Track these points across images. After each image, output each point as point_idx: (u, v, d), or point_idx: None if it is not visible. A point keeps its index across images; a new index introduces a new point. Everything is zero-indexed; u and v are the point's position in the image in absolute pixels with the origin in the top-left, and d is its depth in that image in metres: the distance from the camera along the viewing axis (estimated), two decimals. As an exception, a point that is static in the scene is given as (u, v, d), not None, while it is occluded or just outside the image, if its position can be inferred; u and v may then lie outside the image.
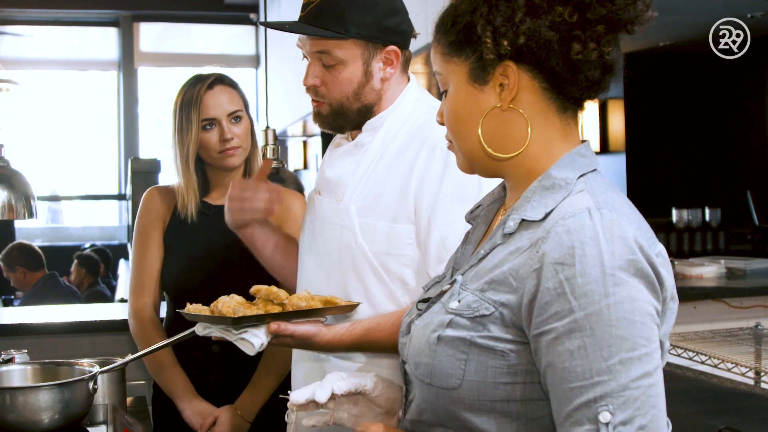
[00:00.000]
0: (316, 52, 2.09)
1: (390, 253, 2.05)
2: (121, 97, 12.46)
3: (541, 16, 1.33)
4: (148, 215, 2.80)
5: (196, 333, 2.04)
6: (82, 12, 12.27)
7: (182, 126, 2.65)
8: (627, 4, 1.34)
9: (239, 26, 12.73)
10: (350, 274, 2.09)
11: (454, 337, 1.34)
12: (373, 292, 2.06)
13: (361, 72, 2.10)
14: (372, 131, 2.15)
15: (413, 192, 2.03)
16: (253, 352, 1.86)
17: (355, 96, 2.11)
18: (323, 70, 2.10)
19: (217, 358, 2.70)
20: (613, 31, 1.35)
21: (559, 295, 1.23)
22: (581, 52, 1.33)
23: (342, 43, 2.06)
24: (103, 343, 3.54)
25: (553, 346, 1.23)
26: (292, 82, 8.69)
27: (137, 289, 2.78)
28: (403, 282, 2.05)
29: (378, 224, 2.06)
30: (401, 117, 2.15)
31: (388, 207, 2.06)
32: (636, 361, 1.20)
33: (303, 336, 1.89)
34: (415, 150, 2.06)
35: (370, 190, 2.10)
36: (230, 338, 1.88)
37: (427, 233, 2.01)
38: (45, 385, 2.10)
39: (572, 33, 1.33)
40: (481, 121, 1.41)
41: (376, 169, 2.11)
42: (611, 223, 1.26)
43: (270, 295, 1.89)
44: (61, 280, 6.89)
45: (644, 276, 1.24)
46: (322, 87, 2.11)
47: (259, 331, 1.86)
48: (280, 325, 1.85)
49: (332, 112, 2.13)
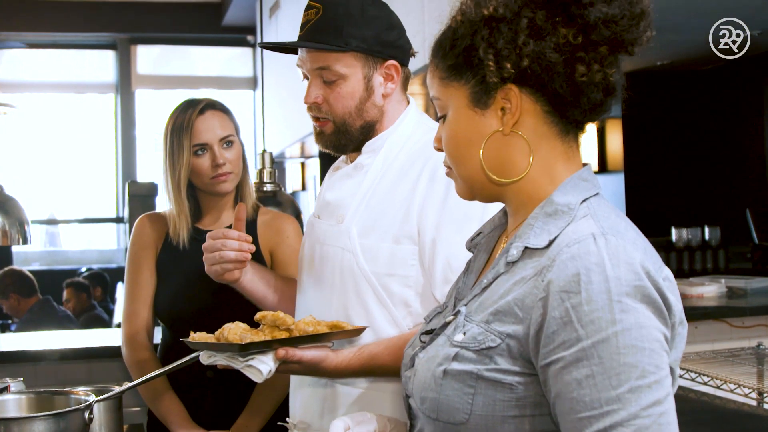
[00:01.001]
0: (317, 69, 2.09)
1: (392, 274, 2.03)
2: (118, 119, 12.45)
3: (545, 38, 1.31)
4: (140, 242, 2.79)
5: (198, 361, 2.02)
6: (80, 35, 12.28)
7: (173, 151, 2.65)
8: (631, 25, 1.33)
9: (237, 48, 12.74)
10: (352, 297, 2.07)
11: (460, 370, 1.32)
12: (375, 316, 2.04)
13: (363, 87, 2.11)
14: (372, 153, 2.15)
15: (416, 213, 2.02)
16: (261, 379, 1.82)
17: (357, 112, 2.11)
18: (324, 87, 2.10)
19: (212, 384, 2.68)
20: (614, 53, 1.34)
21: (565, 323, 1.21)
22: (586, 74, 1.32)
23: (342, 57, 2.07)
24: (100, 370, 3.51)
25: (561, 376, 1.21)
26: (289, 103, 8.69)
27: (130, 317, 2.77)
28: (406, 304, 2.03)
29: (380, 245, 2.05)
30: (402, 138, 2.15)
31: (390, 228, 2.04)
32: (646, 388, 1.18)
33: (311, 361, 1.86)
34: (417, 171, 2.06)
35: (372, 212, 2.09)
36: (237, 366, 1.84)
37: (432, 254, 2.00)
38: (40, 416, 2.07)
39: (576, 55, 1.32)
40: (483, 146, 1.39)
41: (377, 190, 2.11)
42: (617, 249, 1.24)
43: (276, 321, 1.86)
44: (56, 305, 6.85)
45: (651, 302, 1.22)
46: (324, 104, 2.11)
47: (266, 357, 1.83)
48: (288, 351, 1.82)
49: (335, 130, 2.12)
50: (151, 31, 12.30)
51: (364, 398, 2.07)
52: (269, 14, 9.99)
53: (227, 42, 12.64)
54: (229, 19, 11.85)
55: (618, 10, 1.31)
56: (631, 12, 1.32)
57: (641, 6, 1.34)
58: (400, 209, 2.05)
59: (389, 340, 1.97)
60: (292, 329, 1.87)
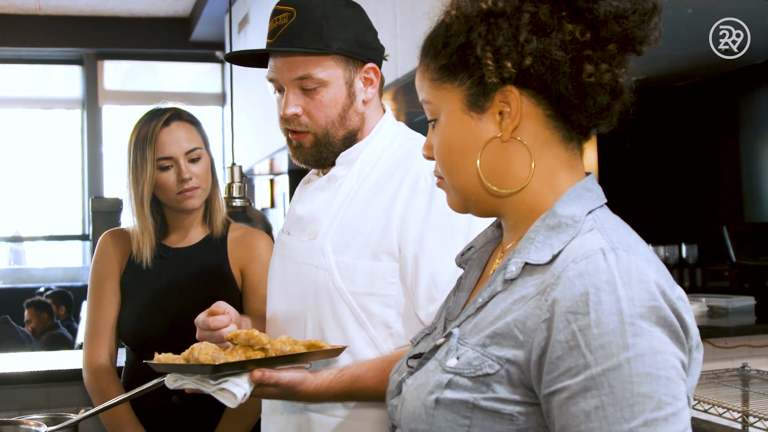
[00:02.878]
0: (296, 79, 1.95)
1: (371, 294, 1.90)
2: (85, 135, 12.33)
3: (549, 35, 1.20)
4: (103, 261, 2.65)
5: (163, 385, 1.86)
6: (46, 50, 12.17)
7: (137, 165, 2.51)
8: (642, 21, 1.22)
9: (205, 64, 12.68)
10: (328, 319, 1.94)
11: (454, 399, 1.19)
12: (354, 338, 1.91)
13: (345, 93, 1.98)
14: (347, 164, 2.02)
15: (396, 227, 1.89)
16: (235, 404, 1.67)
17: (340, 120, 1.98)
18: (304, 97, 1.97)
19: (177, 410, 2.54)
20: (623, 51, 1.23)
21: (572, 348, 1.09)
22: (594, 74, 1.21)
23: (323, 62, 1.94)
24: (59, 395, 3.36)
25: (566, 407, 1.09)
26: (258, 119, 8.61)
27: (92, 340, 2.62)
28: (387, 325, 1.90)
29: (357, 262, 1.91)
30: (378, 148, 2.02)
31: (367, 243, 1.91)
32: (663, 422, 1.06)
33: (288, 384, 1.72)
34: (397, 182, 1.93)
35: (347, 226, 1.95)
36: (207, 390, 1.68)
37: (415, 271, 1.86)
38: (-14, 448, 1.94)
39: (584, 53, 1.20)
40: (480, 153, 1.27)
41: (352, 203, 1.97)
42: (629, 266, 1.12)
43: (251, 340, 1.71)
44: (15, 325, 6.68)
45: (668, 324, 1.10)
46: (303, 116, 1.97)
47: (240, 380, 1.67)
48: (265, 373, 1.68)
49: (316, 142, 1.99)
50: (119, 46, 12.21)
51: (342, 428, 1.93)
52: (238, 29, 9.91)
53: (195, 58, 12.60)
54: (197, 34, 11.79)
55: (629, 4, 1.21)
56: (643, 6, 1.22)
57: (653, 0, 1.23)
58: (378, 223, 1.92)
59: (372, 362, 1.84)
60: (268, 349, 1.73)
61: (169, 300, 2.56)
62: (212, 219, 2.64)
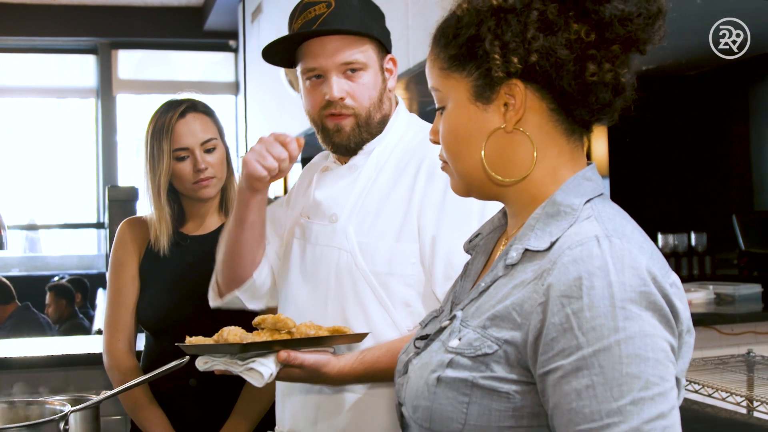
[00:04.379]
0: (341, 63, 2.04)
1: (392, 273, 1.99)
2: (99, 124, 12.39)
3: (556, 33, 1.25)
4: (122, 248, 2.72)
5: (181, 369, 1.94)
6: (61, 39, 12.22)
7: (154, 156, 2.58)
8: (646, 24, 1.26)
9: (218, 53, 12.71)
10: (350, 299, 2.02)
11: (454, 378, 1.25)
12: (374, 318, 1.99)
13: (380, 78, 2.10)
14: (365, 153, 2.12)
15: (415, 210, 1.99)
16: (261, 384, 1.75)
17: (379, 103, 2.09)
18: (348, 81, 2.06)
19: (194, 392, 2.62)
20: (627, 52, 1.27)
21: (565, 330, 1.14)
22: (596, 73, 1.25)
23: (363, 47, 2.06)
24: (78, 378, 3.44)
25: (559, 386, 1.14)
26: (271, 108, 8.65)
27: (112, 325, 2.70)
28: (407, 304, 1.99)
29: (379, 243, 2.01)
30: (394, 138, 2.12)
31: (389, 226, 2.01)
32: (649, 401, 1.11)
33: (313, 366, 1.80)
34: (414, 169, 2.03)
35: (368, 211, 2.05)
36: (236, 371, 1.76)
37: (432, 252, 1.96)
38: (13, 427, 2.00)
39: (588, 53, 1.25)
40: (485, 143, 1.32)
41: (372, 189, 2.07)
42: (621, 252, 1.17)
43: (277, 324, 1.79)
44: (36, 311, 6.77)
45: (657, 309, 1.15)
46: (348, 98, 2.06)
47: (267, 360, 1.75)
48: (290, 354, 1.76)
49: (357, 124, 2.08)
50: (133, 35, 12.25)
51: (360, 404, 2.02)
52: (251, 19, 9.95)
53: (209, 47, 12.62)
54: (210, 23, 11.82)
55: (635, 7, 1.25)
56: (648, 10, 1.26)
57: (658, 4, 1.27)
58: (399, 208, 2.02)
59: (391, 343, 1.92)
60: (294, 332, 1.80)
61: (187, 286, 2.63)
62: (228, 207, 2.70)
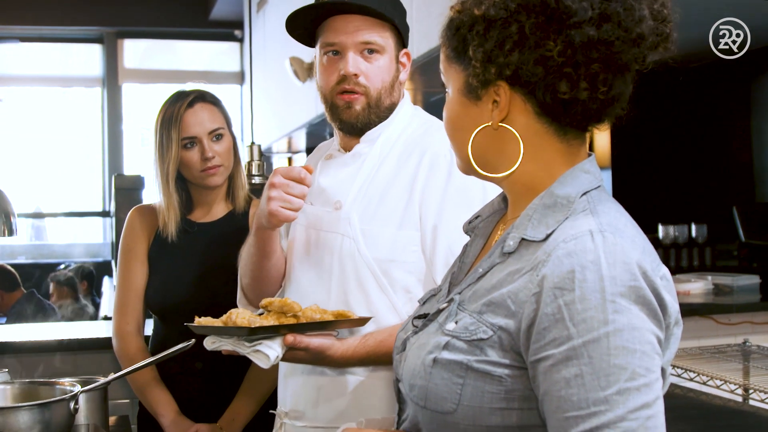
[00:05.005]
0: (360, 42, 2.11)
1: (393, 260, 2.05)
2: (105, 113, 12.39)
3: (528, 50, 1.28)
4: (132, 235, 2.80)
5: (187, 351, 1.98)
6: (66, 29, 12.21)
7: (163, 144, 2.65)
8: (627, 48, 1.27)
9: (224, 43, 12.69)
10: (352, 284, 2.08)
11: (450, 360, 1.31)
12: (375, 303, 2.05)
13: (394, 66, 2.16)
14: (369, 142, 2.17)
15: (418, 200, 2.05)
16: (267, 365, 1.81)
17: (390, 88, 2.16)
18: (364, 60, 2.12)
19: (201, 375, 2.68)
20: (612, 73, 1.29)
21: (557, 320, 1.19)
22: (568, 92, 1.28)
23: (384, 32, 2.13)
24: (86, 362, 3.49)
25: (550, 374, 1.20)
26: (277, 98, 8.67)
27: (121, 309, 2.78)
28: (407, 290, 2.04)
29: (382, 231, 2.06)
30: (398, 128, 2.18)
31: (392, 214, 2.07)
32: (635, 391, 1.16)
33: (317, 349, 1.86)
34: (417, 159, 2.09)
35: (372, 198, 2.11)
36: (243, 351, 1.82)
37: (434, 240, 2.02)
38: (25, 406, 2.06)
39: (562, 71, 1.27)
40: (471, 138, 1.38)
41: (375, 178, 2.13)
42: (614, 247, 1.22)
43: (284, 307, 1.85)
44: (41, 298, 6.82)
45: (646, 303, 1.20)
46: (362, 76, 2.12)
47: (273, 343, 1.82)
48: (296, 338, 1.82)
49: (367, 104, 2.14)
50: (138, 25, 12.24)
51: (361, 386, 2.07)
52: (257, 8, 9.95)
53: (214, 36, 12.60)
54: (216, 13, 11.81)
55: (607, 35, 1.26)
56: (625, 36, 1.27)
57: (639, 30, 1.28)
58: (401, 196, 2.07)
59: (392, 328, 1.98)
60: (299, 316, 1.86)
61: (193, 272, 2.70)
62: (235, 195, 2.78)
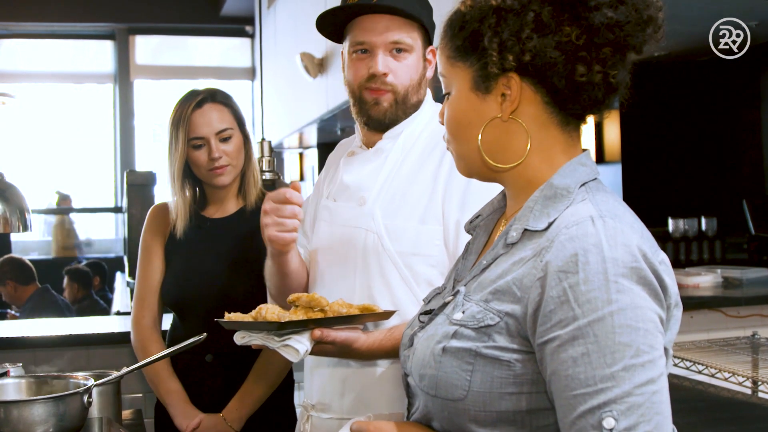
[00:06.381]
0: (390, 42, 2.14)
1: (417, 254, 2.08)
2: (117, 109, 12.45)
3: (548, 35, 1.33)
4: (150, 231, 2.88)
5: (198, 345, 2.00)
6: (78, 25, 12.27)
7: (171, 144, 2.72)
8: (636, 30, 1.34)
9: (235, 39, 12.74)
10: (376, 278, 2.11)
11: (459, 348, 1.34)
12: (399, 295, 2.09)
13: (422, 64, 2.19)
14: (392, 139, 2.21)
15: (440, 195, 2.08)
16: (297, 359, 1.84)
17: (417, 86, 2.19)
18: (392, 59, 2.15)
19: (211, 367, 2.72)
20: (619, 54, 1.35)
21: (563, 302, 1.23)
22: (585, 74, 1.33)
23: (413, 31, 2.15)
24: (99, 356, 3.53)
25: (557, 354, 1.23)
26: (288, 93, 8.68)
27: (139, 302, 2.86)
28: (430, 284, 2.06)
29: (405, 225, 2.10)
30: (420, 124, 2.21)
31: (415, 208, 2.10)
32: (640, 367, 1.20)
33: (344, 342, 1.89)
34: (439, 156, 2.12)
35: (395, 193, 2.14)
36: (272, 346, 1.85)
37: (457, 235, 2.05)
38: (39, 399, 2.08)
39: (578, 54, 1.33)
40: (482, 130, 1.41)
41: (398, 173, 2.16)
42: (614, 231, 1.26)
43: (311, 302, 1.87)
44: (55, 294, 6.87)
45: (647, 283, 1.24)
46: (390, 75, 2.15)
47: (302, 337, 1.84)
48: (323, 332, 1.85)
49: (395, 101, 2.17)
50: (150, 21, 12.30)
51: (384, 376, 2.11)
52: (267, 4, 9.98)
53: (225, 32, 12.65)
54: (227, 9, 11.85)
55: (624, 16, 1.32)
56: (638, 17, 1.33)
57: (649, 12, 1.34)
58: (424, 192, 2.10)
59: None
60: (327, 310, 1.88)
61: (206, 266, 2.75)
62: (247, 192, 2.82)
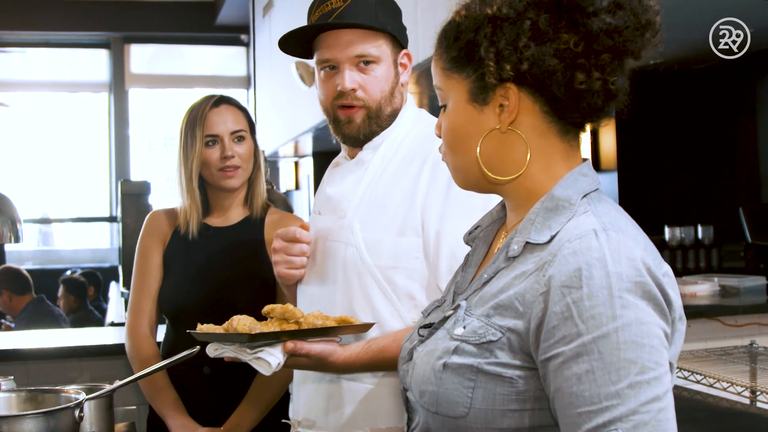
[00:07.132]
0: (354, 56, 2.10)
1: (396, 267, 2.04)
2: (112, 118, 12.42)
3: (546, 43, 1.30)
4: (149, 237, 2.84)
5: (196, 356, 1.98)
6: (73, 34, 12.25)
7: (187, 143, 2.70)
8: (635, 36, 1.32)
9: (230, 47, 12.72)
10: (356, 292, 2.08)
11: (460, 364, 1.31)
12: (380, 309, 2.05)
13: (393, 72, 2.15)
14: (373, 149, 2.17)
15: (419, 205, 2.04)
16: (269, 372, 1.81)
17: (390, 97, 2.14)
18: (360, 73, 2.11)
19: (208, 380, 2.70)
20: (618, 59, 1.32)
21: (566, 318, 1.21)
22: (584, 81, 1.31)
23: (377, 41, 2.11)
24: (92, 368, 3.51)
25: (560, 371, 1.21)
26: (283, 102, 8.68)
27: (135, 310, 2.81)
28: (411, 297, 2.04)
29: (383, 238, 2.06)
30: (401, 133, 2.17)
31: (393, 220, 2.06)
32: (645, 384, 1.17)
33: (319, 355, 1.85)
34: (419, 164, 2.08)
35: (373, 205, 2.10)
36: (245, 358, 1.82)
37: (437, 246, 2.01)
38: (29, 414, 2.05)
39: (577, 62, 1.30)
40: (480, 142, 1.39)
41: (377, 184, 2.12)
42: (618, 245, 1.23)
43: (285, 314, 1.84)
44: (50, 304, 6.85)
45: (652, 298, 1.22)
46: (359, 90, 2.12)
47: (275, 350, 1.81)
48: (296, 344, 1.81)
49: (368, 116, 2.14)
50: (145, 30, 12.28)
51: (370, 395, 2.07)
52: (262, 13, 9.97)
53: (221, 41, 12.63)
54: (222, 18, 11.84)
55: (622, 21, 1.30)
56: (636, 23, 1.32)
57: (647, 16, 1.33)
58: (402, 202, 2.06)
59: (396, 333, 1.97)
60: (301, 322, 1.85)
61: (207, 275, 2.73)
62: (253, 201, 2.81)
